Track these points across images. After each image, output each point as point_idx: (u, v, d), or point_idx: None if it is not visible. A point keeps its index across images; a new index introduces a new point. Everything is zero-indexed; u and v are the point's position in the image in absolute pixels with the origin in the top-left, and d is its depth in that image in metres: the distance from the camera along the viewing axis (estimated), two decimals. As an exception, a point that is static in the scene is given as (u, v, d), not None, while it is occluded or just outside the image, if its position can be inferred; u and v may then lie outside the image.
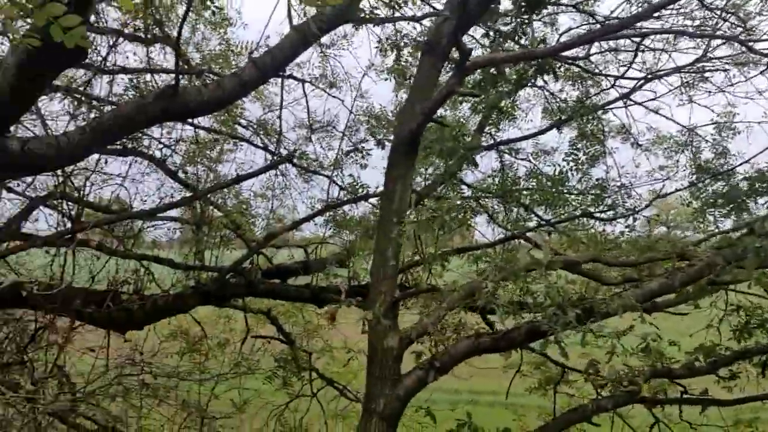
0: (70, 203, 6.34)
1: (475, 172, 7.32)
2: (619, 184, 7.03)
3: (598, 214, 6.33)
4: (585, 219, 6.31)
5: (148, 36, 5.33)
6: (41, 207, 6.12)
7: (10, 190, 6.03)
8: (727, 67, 7.27)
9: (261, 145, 7.62)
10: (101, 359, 6.88)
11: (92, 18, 4.93)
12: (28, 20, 2.90)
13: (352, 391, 7.97)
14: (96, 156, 6.11)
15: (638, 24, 6.12)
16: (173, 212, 6.88)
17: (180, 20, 4.31)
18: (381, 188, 7.25)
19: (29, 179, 6.17)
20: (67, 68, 4.72)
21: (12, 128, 4.56)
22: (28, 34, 2.66)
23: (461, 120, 7.37)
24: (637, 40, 6.83)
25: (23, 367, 6.63)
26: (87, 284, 6.55)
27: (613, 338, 4.10)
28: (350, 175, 7.18)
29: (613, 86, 7.42)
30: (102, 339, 6.90)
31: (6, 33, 4.48)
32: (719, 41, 6.93)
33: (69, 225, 6.01)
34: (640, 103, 7.70)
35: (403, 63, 6.88)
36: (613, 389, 4.70)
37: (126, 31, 5.35)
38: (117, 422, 6.93)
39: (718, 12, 6.55)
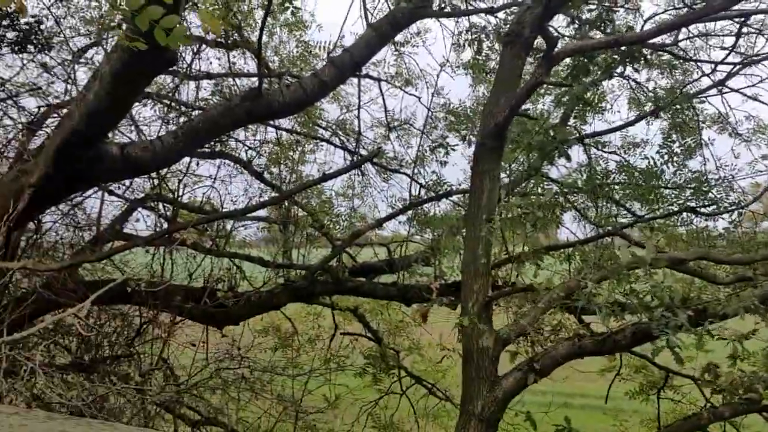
0: (165, 205, 6.31)
1: (560, 168, 6.72)
2: (717, 176, 6.18)
3: (700, 209, 5.54)
4: (685, 214, 5.54)
5: (229, 42, 5.16)
6: (139, 208, 6.12)
7: (111, 193, 6.05)
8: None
9: (340, 145, 7.37)
10: (201, 353, 6.81)
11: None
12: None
13: (441, 390, 7.53)
14: (187, 159, 6.04)
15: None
16: (260, 212, 6.72)
17: (259, 25, 4.09)
18: (462, 185, 6.84)
19: (127, 182, 6.19)
20: (158, 74, 4.59)
21: (109, 135, 4.48)
22: (132, 36, 2.48)
23: (543, 113, 6.77)
24: (739, 21, 5.97)
25: (131, 359, 6.65)
26: (185, 282, 6.48)
27: (736, 341, 3.43)
28: (434, 172, 6.77)
29: (713, 72, 6.57)
30: (200, 334, 6.84)
31: (100, 43, 4.42)
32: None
33: (165, 225, 5.96)
34: (736, 90, 6.78)
35: (481, 57, 6.39)
36: (728, 397, 4.01)
37: (208, 37, 5.20)
38: (218, 414, 6.86)
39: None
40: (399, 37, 6.49)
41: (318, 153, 7.51)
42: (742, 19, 5.94)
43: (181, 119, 5.79)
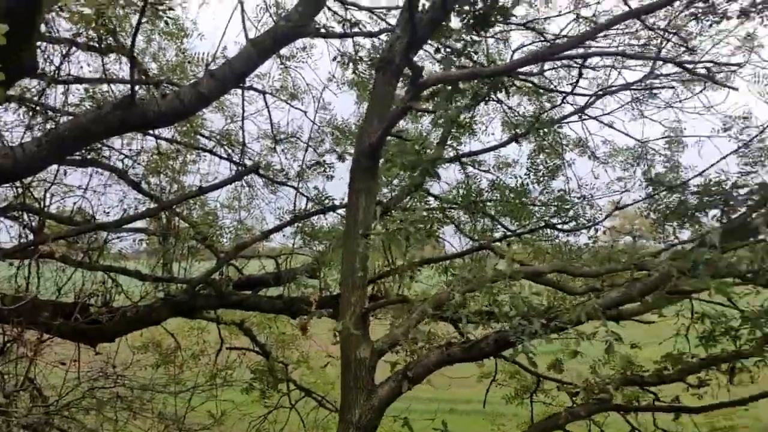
0: (31, 215, 5.80)
1: (441, 184, 6.99)
2: (579, 195, 6.71)
3: (559, 225, 5.98)
4: (548, 230, 5.96)
5: (103, 46, 4.87)
6: (1, 218, 5.59)
7: (-33, 201, 5.49)
8: (673, 84, 7.04)
9: (225, 156, 7.15)
10: (72, 372, 6.31)
11: (43, 27, 4.48)
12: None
13: (331, 402, 7.48)
14: (55, 167, 5.60)
15: (586, 42, 5.83)
16: (139, 223, 6.35)
17: (133, 30, 3.89)
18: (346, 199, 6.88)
19: (-14, 190, 5.64)
20: (18, 80, 4.23)
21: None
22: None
23: (423, 133, 7.02)
24: (580, 61, 6.54)
25: (-7, 380, 6.04)
26: (54, 297, 6.00)
27: (575, 339, 3.75)
28: (315, 188, 6.76)
29: (562, 102, 7.13)
30: (72, 352, 6.36)
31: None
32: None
33: (31, 237, 5.48)
34: (594, 118, 7.42)
35: (361, 76, 6.50)
36: (586, 397, 4.34)
37: (79, 40, 4.87)
38: (93, 435, 6.38)
39: (661, 32, 6.31)
40: (284, 51, 6.46)
41: (201, 163, 7.19)
42: (582, 59, 6.49)
43: (48, 125, 5.35)
